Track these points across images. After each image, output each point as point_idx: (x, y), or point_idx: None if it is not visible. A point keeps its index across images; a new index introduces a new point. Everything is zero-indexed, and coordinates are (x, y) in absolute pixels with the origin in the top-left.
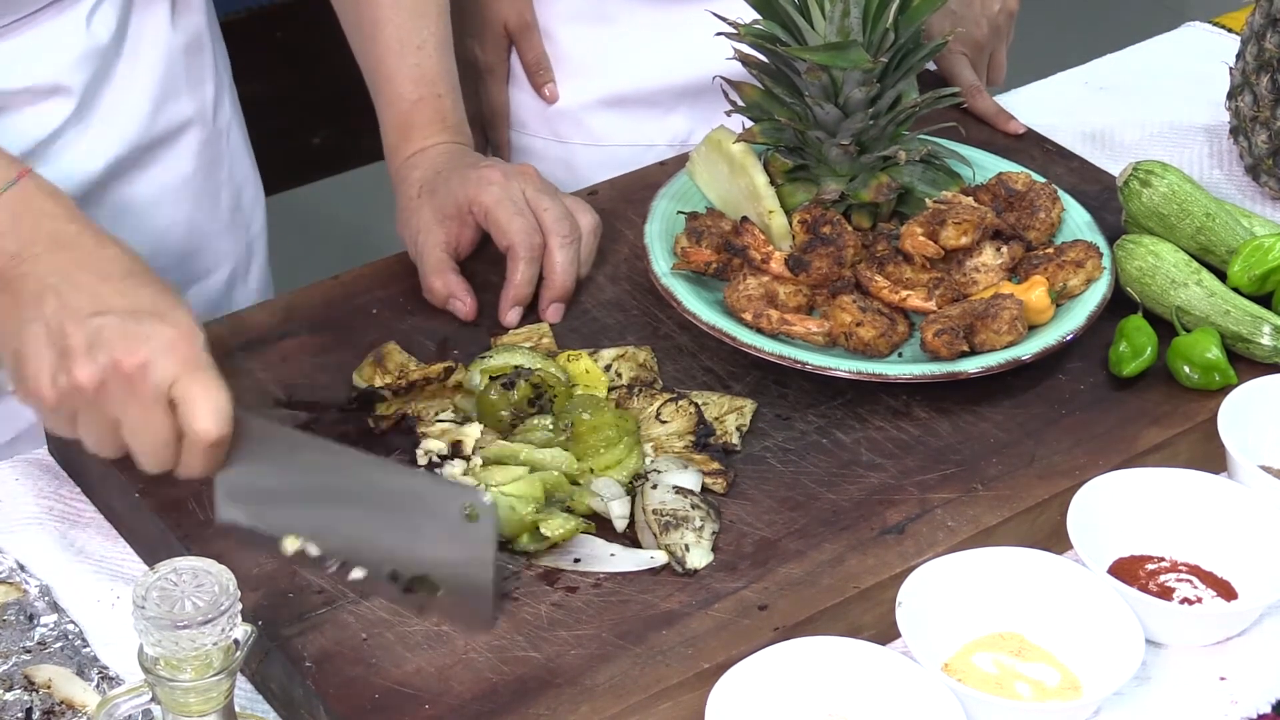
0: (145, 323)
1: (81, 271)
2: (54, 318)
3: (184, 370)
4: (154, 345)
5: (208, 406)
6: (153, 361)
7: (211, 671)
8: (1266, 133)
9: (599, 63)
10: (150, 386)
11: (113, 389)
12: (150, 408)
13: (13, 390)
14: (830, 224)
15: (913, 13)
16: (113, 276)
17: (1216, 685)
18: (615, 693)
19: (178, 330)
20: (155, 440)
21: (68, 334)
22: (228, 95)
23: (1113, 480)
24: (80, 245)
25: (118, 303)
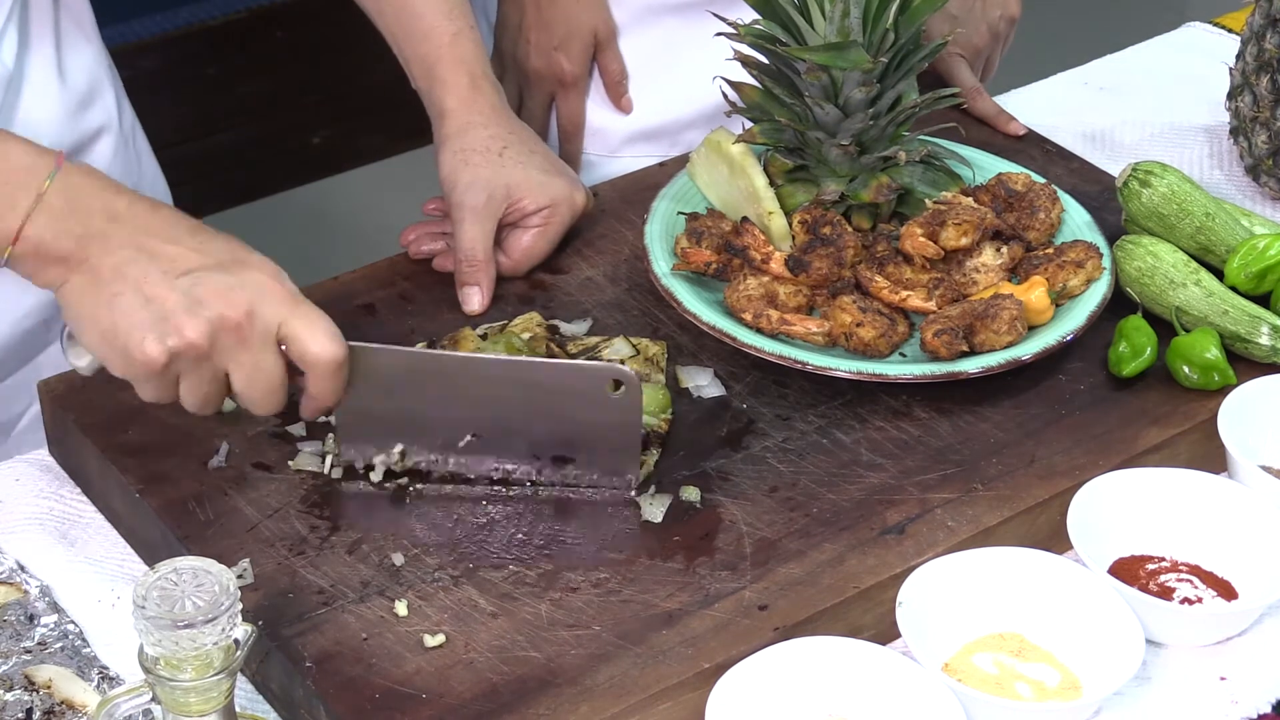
0: (234, 272)
1: (150, 238)
2: (142, 286)
3: (286, 308)
4: (251, 291)
5: (322, 333)
6: (256, 307)
7: (211, 671)
8: (1266, 133)
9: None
10: (259, 331)
11: (223, 341)
12: (262, 351)
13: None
14: (830, 224)
15: (913, 13)
16: (180, 237)
17: (1216, 685)
18: (615, 693)
19: (266, 273)
20: (270, 382)
21: (162, 298)
22: (126, 102)
23: (1113, 480)
24: (136, 214)
25: (197, 260)
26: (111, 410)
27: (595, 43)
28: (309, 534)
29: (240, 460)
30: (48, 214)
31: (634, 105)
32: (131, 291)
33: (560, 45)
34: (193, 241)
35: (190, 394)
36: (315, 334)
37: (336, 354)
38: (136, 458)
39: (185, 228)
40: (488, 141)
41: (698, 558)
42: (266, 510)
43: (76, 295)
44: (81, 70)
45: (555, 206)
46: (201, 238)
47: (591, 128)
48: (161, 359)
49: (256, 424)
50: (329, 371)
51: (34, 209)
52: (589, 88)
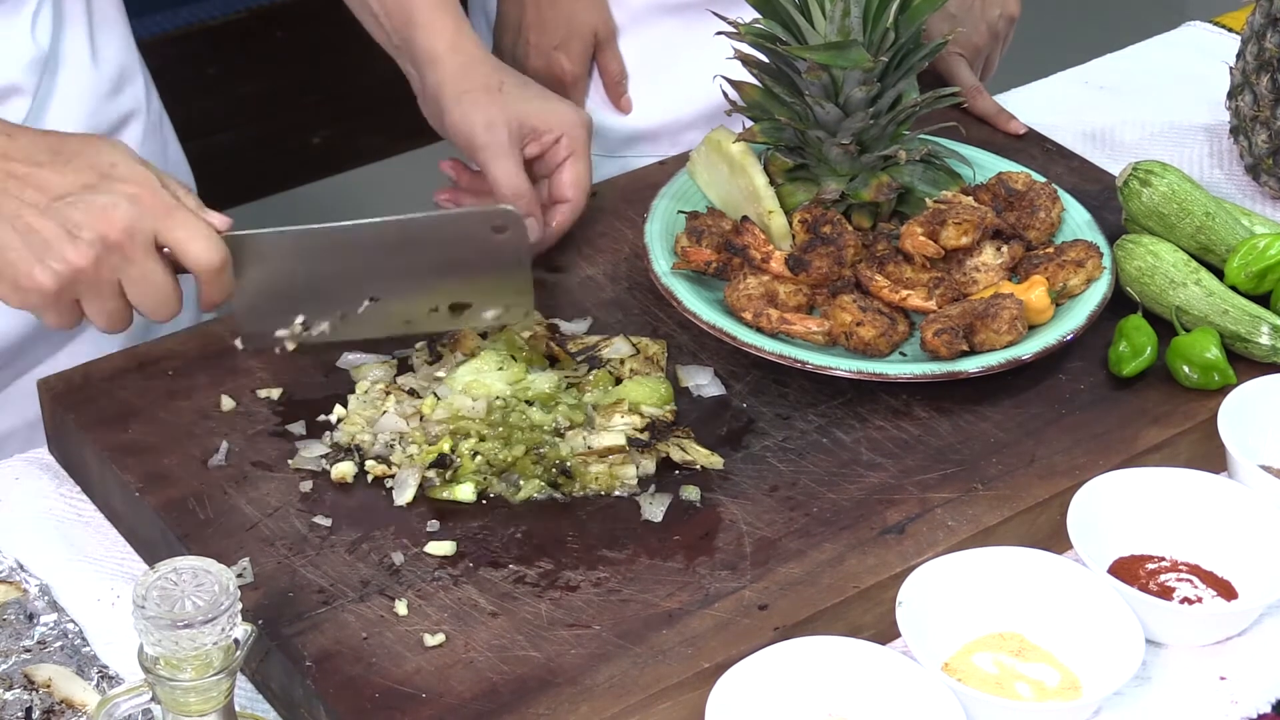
0: (104, 190)
1: (13, 165)
2: (15, 218)
3: (160, 216)
4: (124, 207)
5: (199, 237)
6: (132, 222)
7: (211, 671)
8: (1266, 132)
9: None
10: (140, 244)
11: (108, 260)
12: (147, 262)
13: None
14: (830, 224)
15: (913, 12)
16: (43, 161)
17: (1216, 685)
18: (615, 692)
19: (135, 183)
20: (161, 292)
21: (39, 228)
22: (152, 87)
23: (1113, 480)
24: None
25: (64, 182)
26: (111, 410)
27: (595, 43)
28: (309, 533)
29: (240, 459)
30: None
31: (634, 105)
32: (7, 226)
33: (560, 45)
34: (54, 164)
35: (96, 316)
36: (194, 239)
37: (214, 257)
38: (136, 457)
39: (46, 149)
40: (486, 79)
41: (698, 557)
42: (266, 509)
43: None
44: (113, 55)
45: (570, 130)
46: (65, 156)
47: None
48: (52, 286)
49: (256, 423)
50: (212, 273)
51: None
52: (589, 88)
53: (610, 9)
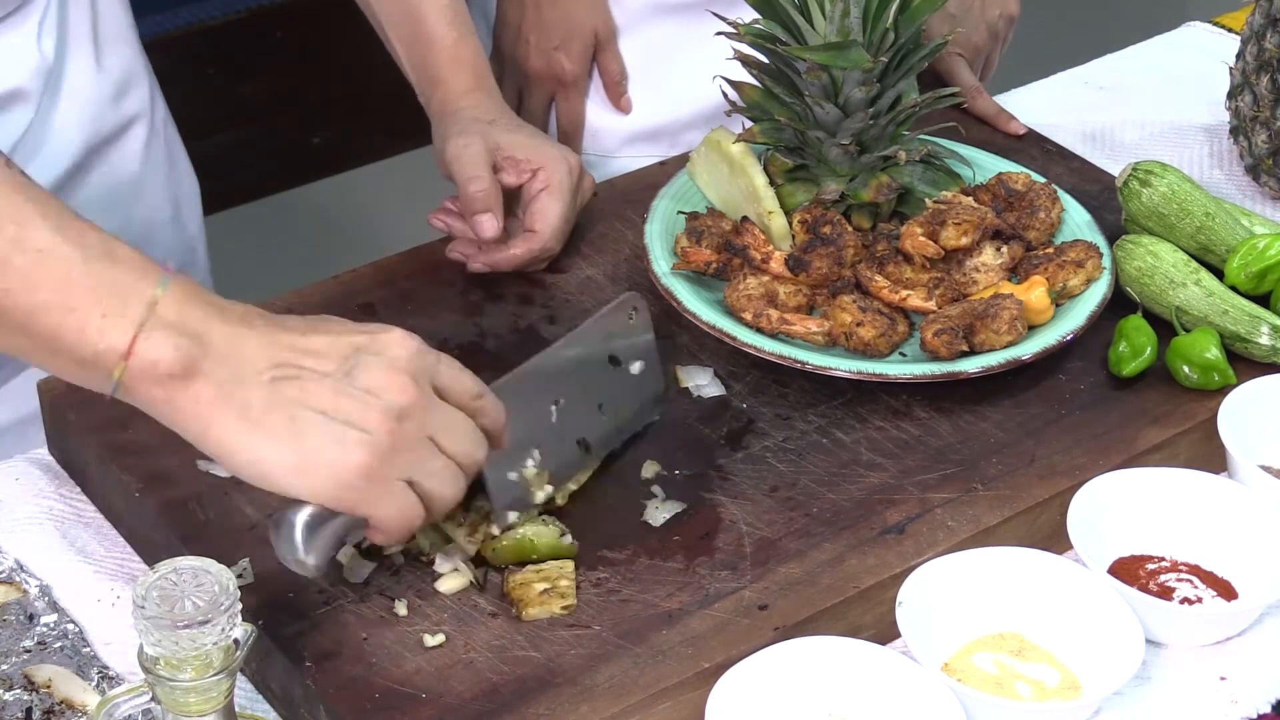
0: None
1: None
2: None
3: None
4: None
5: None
6: (412, 370)
7: (211, 671)
8: (1266, 132)
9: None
10: (427, 389)
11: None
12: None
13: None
14: (830, 224)
15: (913, 12)
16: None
17: (1216, 685)
18: (615, 693)
19: (389, 333)
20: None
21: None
22: (159, 94)
23: (1113, 480)
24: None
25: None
26: (111, 410)
27: (595, 43)
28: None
29: None
30: (162, 325)
31: (633, 106)
32: (300, 414)
33: (560, 45)
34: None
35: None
36: (453, 371)
37: (474, 377)
38: (136, 457)
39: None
40: (476, 113)
41: (698, 558)
42: (266, 509)
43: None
44: (117, 60)
45: (549, 165)
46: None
47: (591, 128)
48: (372, 461)
49: None
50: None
51: (147, 318)
52: (589, 88)
53: (610, 9)
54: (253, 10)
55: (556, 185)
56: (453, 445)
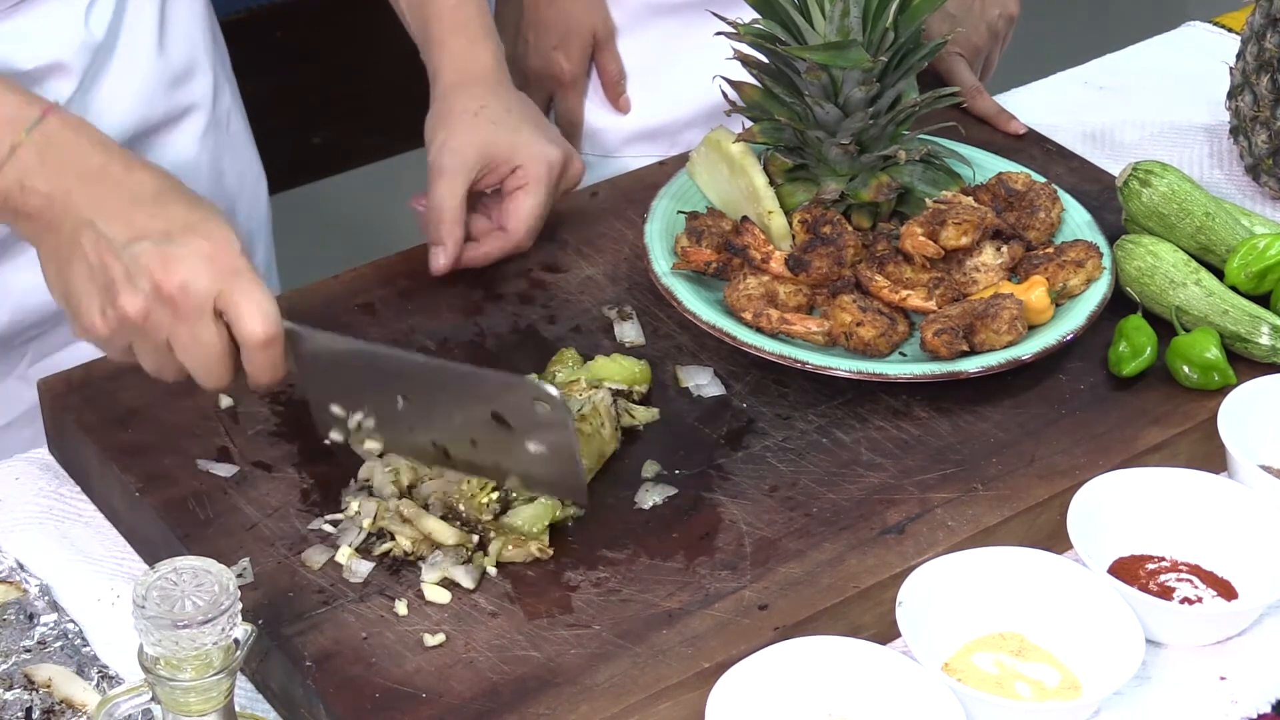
0: (179, 241)
1: (113, 200)
2: (93, 253)
3: (224, 280)
4: (190, 263)
5: (252, 309)
6: (191, 278)
7: (211, 671)
8: (1266, 132)
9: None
10: (192, 304)
11: (158, 313)
12: (196, 324)
13: (73, 333)
14: (830, 224)
15: (913, 12)
16: (144, 200)
17: (1216, 685)
18: (615, 692)
19: (211, 242)
20: (208, 356)
21: (108, 266)
22: (227, 85)
23: (1113, 480)
24: (108, 175)
25: (151, 226)
26: (111, 409)
27: (594, 43)
28: (309, 533)
29: (240, 459)
30: (17, 167)
31: (632, 105)
32: (83, 259)
33: (559, 45)
34: (153, 207)
35: (143, 360)
36: (246, 311)
37: (260, 334)
38: (136, 457)
39: (152, 190)
40: (466, 102)
41: (698, 557)
42: (266, 509)
43: (43, 256)
44: (182, 45)
45: (530, 163)
46: (164, 201)
47: (590, 128)
48: (104, 330)
49: (256, 423)
50: (257, 349)
51: (6, 161)
52: (587, 88)
53: (609, 9)
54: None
55: (533, 183)
56: (184, 357)
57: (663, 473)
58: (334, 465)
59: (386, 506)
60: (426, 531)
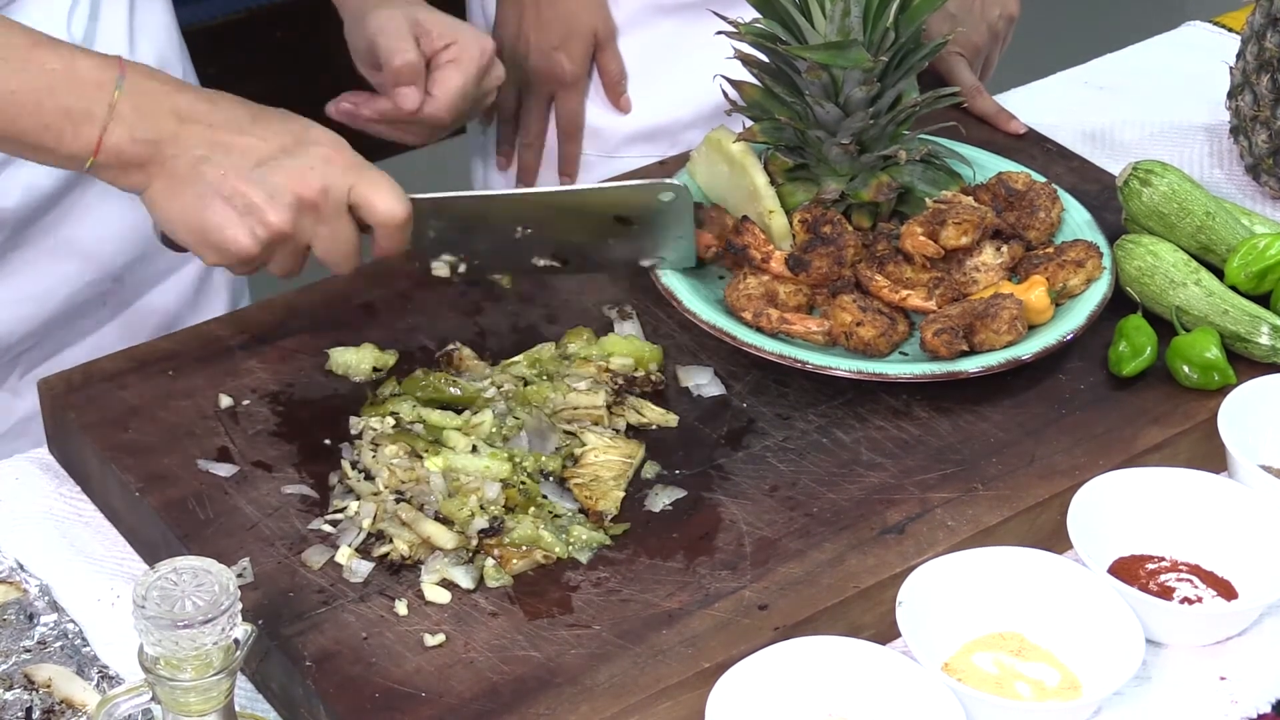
0: (299, 154)
1: (218, 133)
2: (223, 183)
3: (351, 176)
4: (320, 169)
5: (385, 196)
6: (327, 182)
7: (211, 671)
8: (1267, 132)
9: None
10: (333, 203)
11: (303, 220)
12: (337, 221)
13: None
14: (830, 223)
15: (913, 12)
16: (244, 126)
17: (1216, 685)
18: (615, 692)
19: (326, 145)
20: (348, 246)
21: (244, 192)
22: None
23: (1113, 480)
24: (198, 111)
25: (264, 147)
26: (111, 409)
27: (595, 43)
28: (309, 533)
29: (240, 459)
30: (121, 123)
31: (633, 105)
32: (213, 190)
33: (560, 45)
34: (257, 129)
35: (279, 268)
36: (382, 197)
37: (400, 213)
38: (136, 457)
39: (246, 116)
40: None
41: (698, 557)
42: (266, 509)
43: (163, 198)
44: (152, 45)
45: (463, 40)
46: (263, 122)
47: (591, 128)
48: (254, 249)
49: (256, 423)
50: (396, 229)
51: (109, 119)
52: (588, 88)
53: (610, 9)
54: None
55: (465, 61)
56: (326, 252)
57: (663, 473)
58: (334, 465)
59: (385, 509)
60: (425, 535)
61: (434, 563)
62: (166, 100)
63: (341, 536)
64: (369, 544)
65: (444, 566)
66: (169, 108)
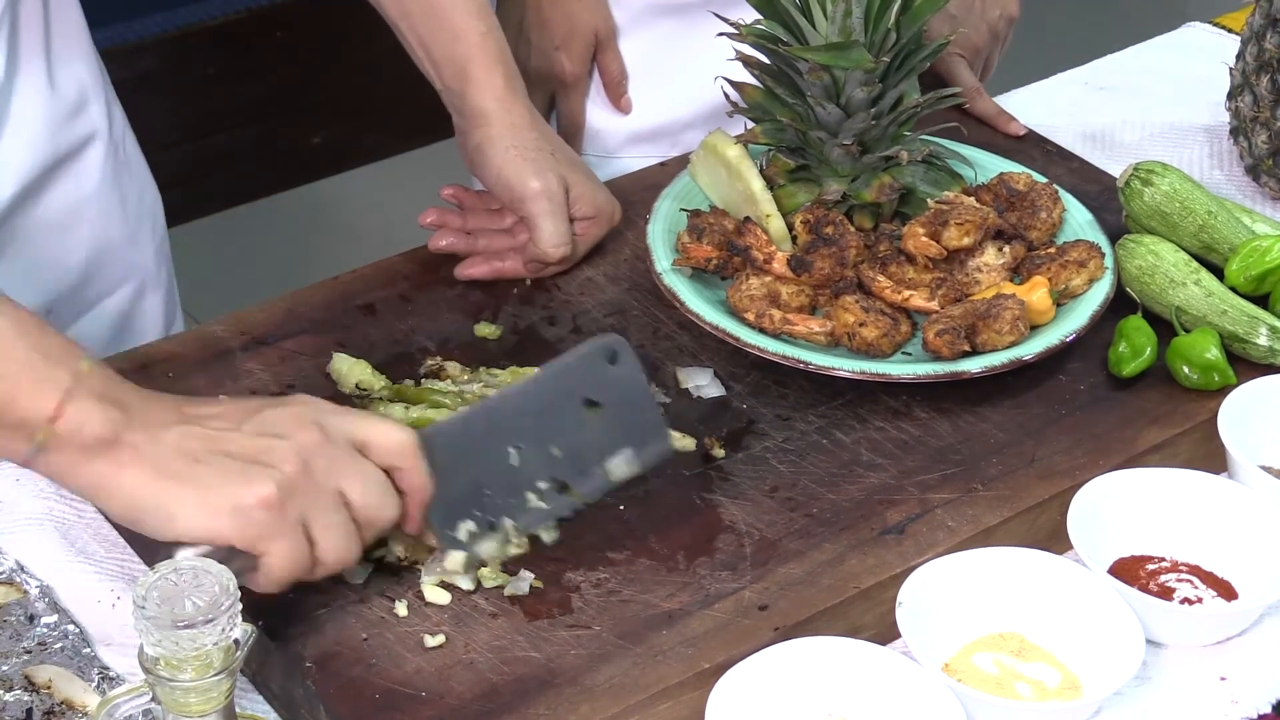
0: (281, 405)
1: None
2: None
3: (342, 414)
4: (308, 411)
5: (383, 425)
6: (321, 419)
7: (212, 671)
8: (1266, 133)
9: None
10: (339, 438)
11: (317, 462)
12: (352, 456)
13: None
14: (832, 224)
15: (915, 13)
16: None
17: (1216, 685)
18: (615, 693)
19: (299, 402)
20: (381, 482)
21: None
22: (117, 109)
23: (1113, 480)
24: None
25: (236, 410)
26: None
27: (595, 43)
28: None
29: None
30: (89, 393)
31: (633, 106)
32: (206, 458)
33: (560, 45)
34: (218, 405)
35: (326, 535)
36: (382, 426)
37: (406, 437)
38: None
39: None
40: (539, 143)
41: (698, 558)
42: None
43: (141, 491)
44: (72, 78)
45: (599, 217)
46: (222, 400)
47: (591, 128)
48: (275, 494)
49: None
50: (411, 456)
51: (74, 386)
52: (589, 88)
53: (610, 9)
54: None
55: (591, 237)
56: (360, 497)
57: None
58: None
59: None
60: None
61: (434, 564)
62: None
63: None
64: None
65: (444, 568)
66: (129, 389)
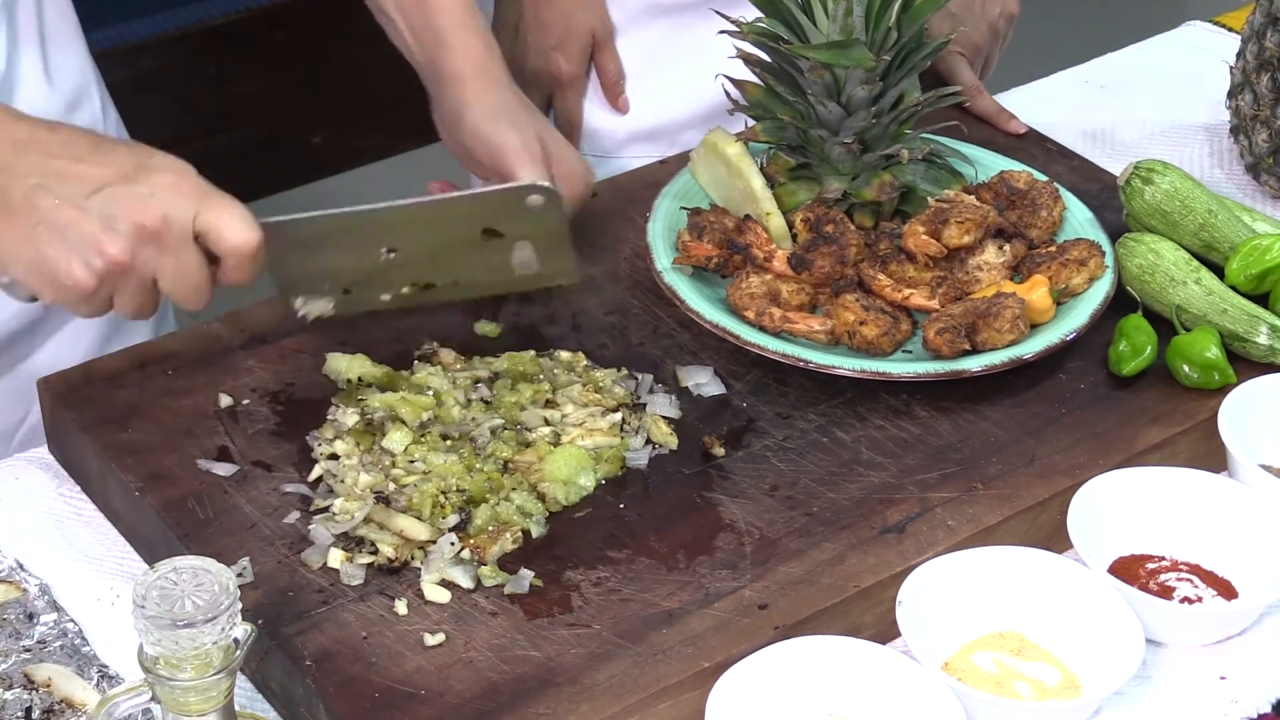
0: (141, 180)
1: (55, 160)
2: (56, 213)
3: (197, 203)
4: (161, 196)
5: (234, 223)
6: (169, 210)
7: (211, 670)
8: (1267, 131)
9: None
10: (177, 233)
11: (144, 252)
12: (183, 252)
13: (47, 299)
14: (833, 223)
15: (915, 11)
16: (84, 154)
17: (1216, 685)
18: (615, 692)
19: (170, 173)
20: (196, 279)
21: (78, 222)
22: (111, 108)
23: (1113, 479)
24: (37, 139)
25: (104, 174)
26: (111, 409)
27: (593, 43)
28: (308, 532)
29: (240, 459)
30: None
31: (631, 106)
32: (47, 221)
33: (558, 45)
34: (96, 157)
35: (125, 307)
36: (230, 223)
37: (251, 239)
38: (136, 456)
39: (86, 144)
40: (515, 102)
41: (698, 557)
42: (266, 509)
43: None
44: (69, 73)
45: (572, 176)
46: (104, 150)
47: (589, 128)
48: (91, 283)
49: (256, 423)
50: (246, 258)
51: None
52: (586, 88)
53: (608, 9)
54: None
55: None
56: (172, 287)
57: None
58: None
59: (350, 515)
60: (398, 530)
61: (434, 562)
62: (3, 130)
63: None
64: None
65: (444, 565)
66: (5, 136)
